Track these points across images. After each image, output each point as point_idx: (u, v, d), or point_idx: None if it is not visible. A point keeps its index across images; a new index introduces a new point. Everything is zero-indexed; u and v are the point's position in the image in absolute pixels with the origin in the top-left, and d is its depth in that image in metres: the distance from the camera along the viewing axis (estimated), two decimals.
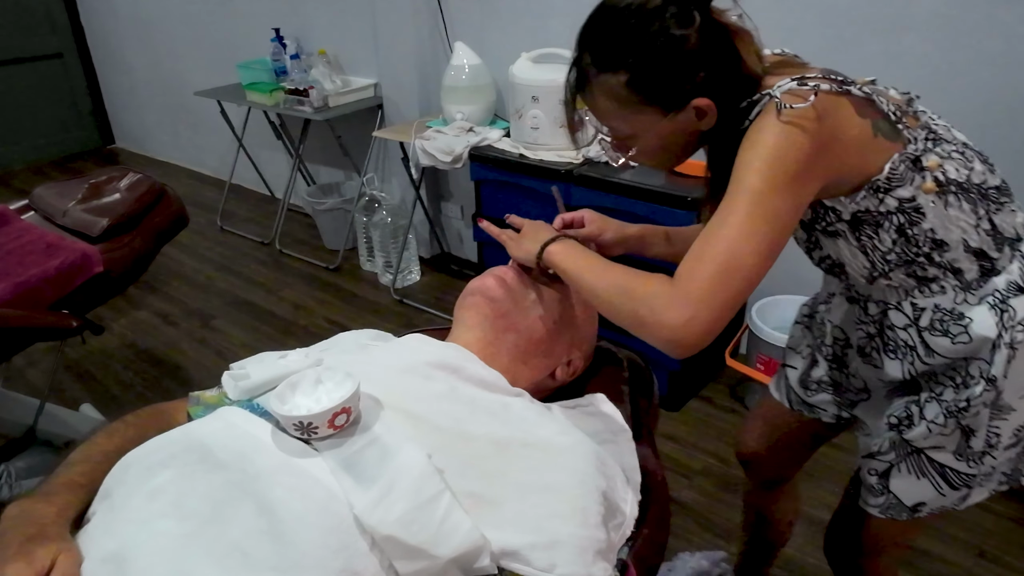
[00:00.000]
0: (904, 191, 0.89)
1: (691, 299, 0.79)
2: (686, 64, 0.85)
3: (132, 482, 0.79)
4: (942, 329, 0.94)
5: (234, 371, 0.94)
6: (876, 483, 1.06)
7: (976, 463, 0.98)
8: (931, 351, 0.96)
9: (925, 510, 1.04)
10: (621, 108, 0.90)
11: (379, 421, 0.83)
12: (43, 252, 1.75)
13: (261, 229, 3.70)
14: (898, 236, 0.91)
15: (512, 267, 1.10)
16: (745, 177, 0.81)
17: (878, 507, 1.07)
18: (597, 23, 0.89)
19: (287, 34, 3.29)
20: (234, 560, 0.70)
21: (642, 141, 0.94)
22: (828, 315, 1.15)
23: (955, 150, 0.92)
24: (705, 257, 0.80)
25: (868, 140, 0.87)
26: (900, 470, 1.02)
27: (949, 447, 0.98)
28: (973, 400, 0.93)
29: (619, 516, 0.90)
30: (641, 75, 0.86)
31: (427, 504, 0.76)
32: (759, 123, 0.84)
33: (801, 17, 2.03)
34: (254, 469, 0.77)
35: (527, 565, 0.77)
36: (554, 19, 2.53)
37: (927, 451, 0.99)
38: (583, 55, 0.90)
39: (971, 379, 0.94)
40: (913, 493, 1.03)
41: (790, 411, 1.26)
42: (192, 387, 2.61)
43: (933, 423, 0.96)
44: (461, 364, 0.97)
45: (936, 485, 1.01)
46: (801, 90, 0.83)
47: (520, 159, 2.37)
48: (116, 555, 0.72)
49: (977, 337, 0.92)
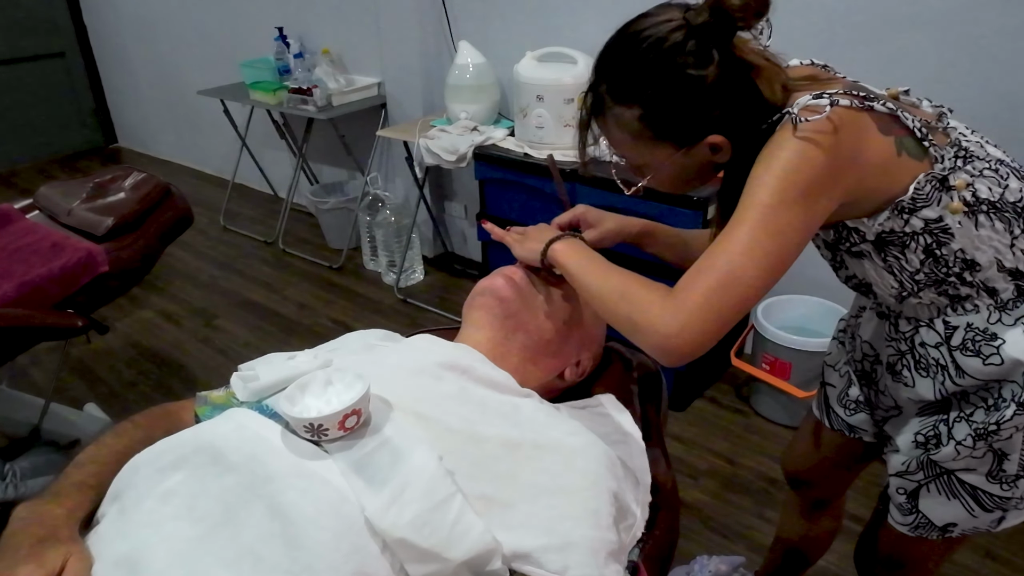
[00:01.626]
0: (930, 211, 0.86)
1: (685, 309, 0.78)
2: (701, 103, 0.84)
3: (143, 484, 0.79)
4: (974, 349, 0.92)
5: (243, 372, 0.93)
6: (905, 502, 1.03)
7: (1010, 486, 0.95)
8: (962, 371, 0.93)
9: (956, 531, 1.01)
10: (634, 140, 0.89)
11: (389, 423, 0.83)
12: (48, 251, 1.75)
13: (264, 228, 3.70)
14: (926, 257, 0.89)
15: (521, 267, 1.10)
16: (755, 191, 0.80)
17: (907, 526, 1.04)
18: (616, 52, 0.86)
19: (290, 33, 3.29)
20: (247, 564, 0.70)
21: (655, 171, 0.92)
22: (859, 330, 1.12)
23: (987, 167, 0.88)
24: (705, 269, 0.79)
25: (891, 159, 0.84)
26: (929, 490, 1.00)
27: (981, 469, 0.95)
28: (1004, 423, 0.90)
29: (630, 517, 0.90)
30: (655, 111, 0.85)
31: (439, 507, 0.75)
32: (775, 139, 0.82)
33: (805, 18, 2.02)
34: (265, 471, 0.76)
35: (540, 567, 0.77)
36: (558, 18, 2.53)
37: (957, 472, 0.97)
38: (600, 82, 0.88)
39: (1003, 401, 0.91)
40: (943, 514, 1.00)
41: (831, 430, 1.22)
42: (196, 386, 2.61)
43: (962, 444, 0.94)
44: (471, 365, 0.97)
45: (967, 507, 0.98)
46: (817, 104, 0.80)
47: (524, 158, 2.37)
48: (128, 558, 0.72)
49: (1009, 359, 0.89)
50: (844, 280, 1.04)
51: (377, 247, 3.15)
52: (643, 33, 0.83)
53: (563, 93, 2.29)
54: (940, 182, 0.85)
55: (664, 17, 0.83)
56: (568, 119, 2.33)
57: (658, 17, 0.84)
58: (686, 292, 0.79)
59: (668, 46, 0.81)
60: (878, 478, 1.18)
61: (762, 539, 1.81)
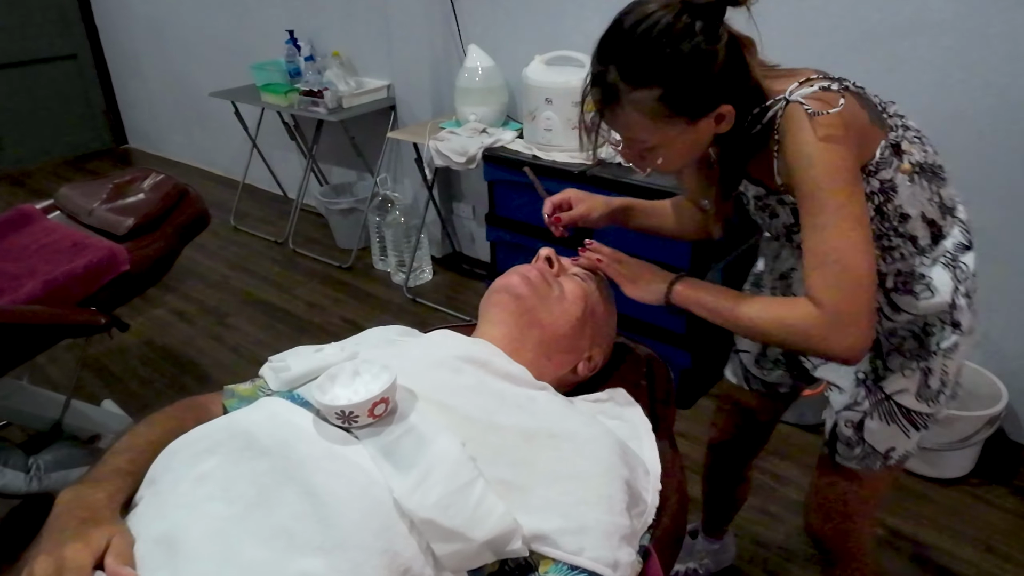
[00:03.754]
0: (886, 173, 1.00)
1: (843, 322, 0.90)
2: (715, 76, 0.91)
3: (179, 468, 0.83)
4: (906, 289, 1.07)
5: (274, 363, 0.97)
6: (852, 434, 1.16)
7: (933, 403, 1.11)
8: (898, 308, 1.09)
9: (895, 456, 1.15)
10: (651, 121, 0.94)
11: (415, 411, 0.87)
12: (70, 250, 1.79)
13: (274, 229, 3.74)
14: (875, 213, 1.02)
15: (536, 266, 1.14)
16: (825, 198, 0.91)
17: (855, 459, 1.17)
18: (622, 40, 0.91)
19: (301, 36, 3.33)
20: (280, 541, 0.74)
21: (666, 150, 0.98)
22: (789, 291, 1.24)
23: (915, 135, 1.04)
24: (834, 282, 0.90)
25: (868, 129, 0.97)
26: (872, 418, 1.13)
27: (912, 389, 1.10)
28: (936, 345, 1.08)
29: (641, 504, 0.93)
30: (675, 89, 0.91)
31: (463, 489, 0.79)
32: (798, 138, 0.92)
33: (814, 21, 2.06)
34: (297, 456, 0.80)
35: (557, 548, 0.81)
36: (566, 22, 2.57)
37: (894, 396, 1.12)
38: (607, 70, 0.93)
39: (931, 327, 1.08)
40: (884, 439, 1.14)
41: (750, 391, 1.39)
42: (210, 383, 2.65)
43: (897, 370, 1.10)
44: (488, 358, 1.01)
45: (903, 428, 1.13)
46: (825, 95, 0.92)
47: (533, 160, 2.41)
48: (167, 536, 0.76)
49: (937, 291, 1.06)
50: (769, 229, 1.17)
51: (386, 247, 3.20)
52: (648, 19, 0.89)
53: (572, 96, 2.33)
54: (894, 148, 1.00)
55: (660, 2, 0.90)
56: (576, 122, 2.36)
57: (649, 2, 0.90)
58: (834, 306, 0.90)
59: (681, 27, 0.88)
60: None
61: (765, 534, 1.85)
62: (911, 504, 1.94)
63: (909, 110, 1.07)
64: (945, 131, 1.91)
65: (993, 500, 1.94)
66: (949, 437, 1.93)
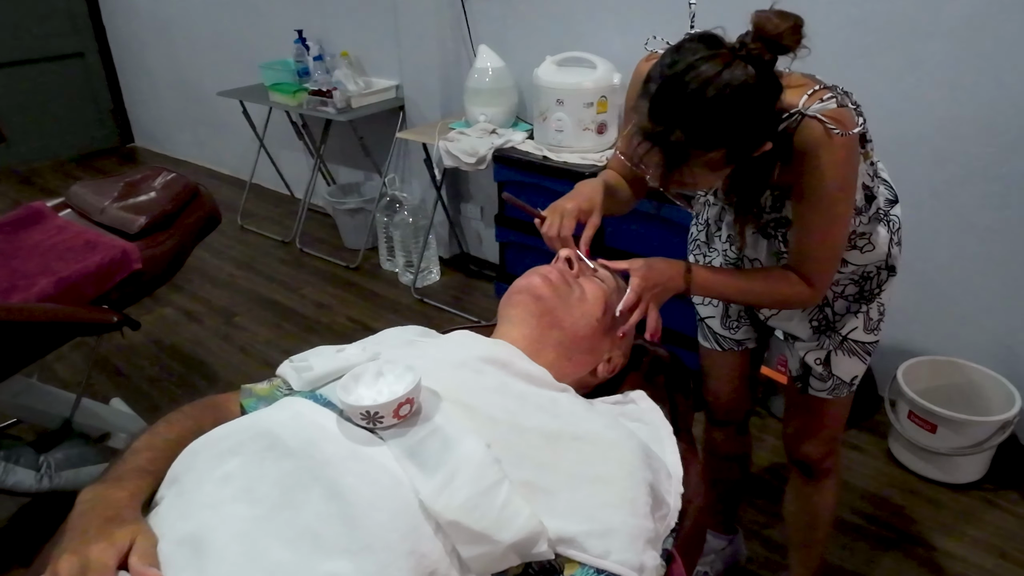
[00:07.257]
0: None
1: (822, 292, 1.16)
2: (771, 123, 1.00)
3: (202, 468, 0.82)
4: (851, 245, 1.21)
5: (296, 363, 0.97)
6: (823, 370, 1.32)
7: (877, 331, 1.30)
8: (845, 262, 1.23)
9: (857, 381, 1.34)
10: (712, 171, 1.00)
11: (439, 412, 0.86)
12: (82, 249, 1.79)
13: (281, 228, 3.74)
14: None
15: (556, 267, 1.13)
16: (827, 205, 1.06)
17: (826, 390, 1.34)
18: (688, 105, 0.92)
19: (309, 36, 3.33)
20: (306, 542, 0.73)
21: (705, 182, 1.06)
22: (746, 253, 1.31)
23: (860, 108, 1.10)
24: (825, 268, 1.13)
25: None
26: (837, 354, 1.31)
27: (860, 326, 1.29)
28: (876, 287, 1.26)
29: (664, 507, 0.92)
30: (740, 146, 0.97)
31: (488, 491, 0.78)
32: (819, 155, 1.01)
33: (824, 23, 2.05)
34: (322, 456, 0.80)
35: (583, 551, 0.80)
36: (577, 23, 2.56)
37: (850, 336, 1.29)
38: (672, 131, 0.93)
39: (869, 274, 1.25)
40: (849, 369, 1.32)
41: (723, 352, 1.47)
42: (218, 382, 2.65)
43: (844, 312, 1.28)
44: (509, 359, 1.00)
45: (862, 358, 1.31)
46: (844, 114, 1.01)
47: (544, 161, 2.41)
48: (192, 537, 0.75)
49: (877, 244, 1.22)
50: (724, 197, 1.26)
51: (394, 247, 3.19)
52: (713, 83, 0.91)
53: (583, 97, 2.33)
54: (862, 136, 1.09)
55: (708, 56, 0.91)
56: (587, 123, 2.37)
57: (704, 59, 0.91)
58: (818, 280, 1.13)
59: (747, 85, 0.91)
60: None
61: (776, 537, 1.84)
62: (924, 509, 1.93)
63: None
64: (961, 133, 1.92)
65: (1006, 505, 1.93)
66: (962, 442, 1.93)
